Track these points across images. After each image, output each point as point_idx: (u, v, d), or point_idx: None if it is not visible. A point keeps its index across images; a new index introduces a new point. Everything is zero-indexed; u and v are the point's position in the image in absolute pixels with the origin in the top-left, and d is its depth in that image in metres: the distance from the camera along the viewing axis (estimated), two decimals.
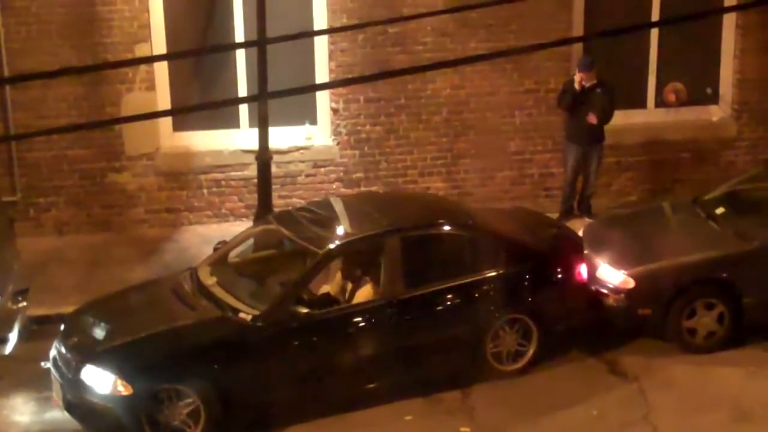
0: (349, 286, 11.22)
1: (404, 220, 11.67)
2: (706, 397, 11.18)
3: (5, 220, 12.61)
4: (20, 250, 12.86)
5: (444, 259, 11.52)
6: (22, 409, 11.04)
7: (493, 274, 11.44)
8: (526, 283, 11.60)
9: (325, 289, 11.34)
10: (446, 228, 11.72)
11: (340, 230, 11.48)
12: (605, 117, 14.88)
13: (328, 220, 11.71)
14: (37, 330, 12.11)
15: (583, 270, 11.92)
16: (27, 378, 11.35)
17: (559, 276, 11.83)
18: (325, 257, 11.01)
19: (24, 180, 14.98)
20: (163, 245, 14.81)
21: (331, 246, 11.06)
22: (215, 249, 12.09)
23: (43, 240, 14.81)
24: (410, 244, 11.26)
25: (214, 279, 11.24)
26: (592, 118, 14.79)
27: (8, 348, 11.19)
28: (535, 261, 11.74)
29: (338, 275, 11.38)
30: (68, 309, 12.12)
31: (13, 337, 11.30)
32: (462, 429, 10.64)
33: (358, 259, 11.35)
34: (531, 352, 11.55)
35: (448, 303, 11.21)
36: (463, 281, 11.34)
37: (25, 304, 12.05)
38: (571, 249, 12.20)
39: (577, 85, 14.71)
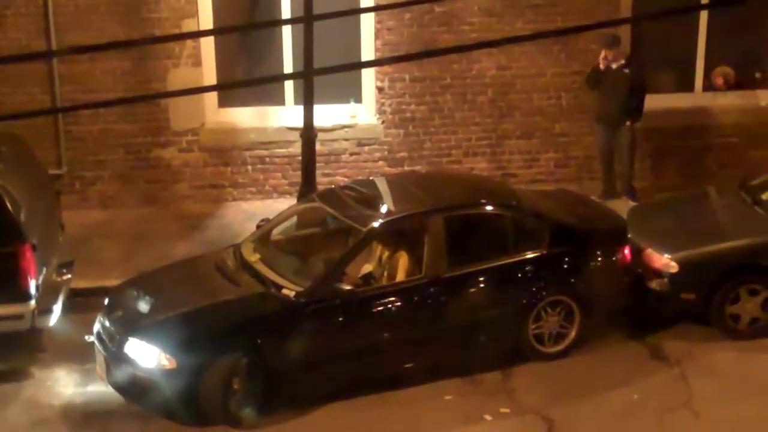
0: (392, 264, 11.20)
1: (448, 200, 11.65)
2: (748, 383, 11.10)
3: (51, 193, 12.72)
4: (65, 223, 12.98)
5: (487, 239, 11.48)
6: (66, 380, 11.11)
7: (537, 254, 11.40)
8: (569, 265, 11.54)
9: (368, 267, 11.34)
10: (490, 208, 11.68)
11: (383, 209, 11.45)
12: (632, 98, 14.78)
13: (371, 199, 11.68)
14: (81, 302, 12.17)
15: (627, 252, 11.86)
16: (70, 350, 11.43)
17: (603, 258, 11.77)
18: (369, 235, 11.01)
19: (70, 153, 15.09)
20: (206, 221, 14.87)
21: (375, 224, 11.04)
22: (258, 226, 12.12)
23: (88, 213, 14.92)
24: (454, 224, 11.23)
25: (258, 256, 11.26)
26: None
27: (52, 320, 11.28)
28: (579, 243, 11.69)
29: (381, 253, 11.37)
30: (112, 282, 12.21)
31: (57, 309, 11.40)
32: (502, 410, 10.63)
33: (402, 237, 11.33)
34: (573, 334, 11.51)
35: (491, 283, 11.19)
36: (506, 261, 11.31)
37: (69, 276, 12.16)
38: (616, 231, 12.14)
39: (601, 64, 14.66)
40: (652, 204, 14.16)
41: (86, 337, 11.00)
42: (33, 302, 10.94)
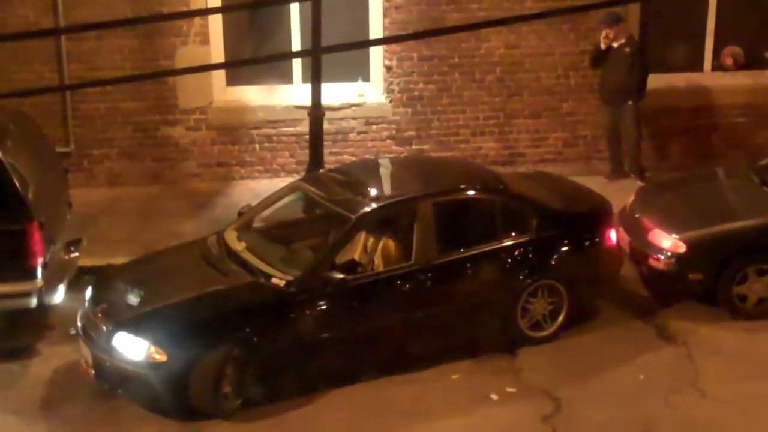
0: (381, 251, 11.06)
1: (437, 185, 11.57)
2: (755, 363, 11.10)
3: (59, 170, 12.73)
4: (73, 200, 12.99)
5: (476, 224, 11.39)
6: (73, 358, 11.09)
7: (526, 239, 11.35)
8: (558, 249, 11.48)
9: (357, 254, 11.11)
10: (478, 193, 11.58)
11: (372, 194, 11.33)
12: (633, 77, 14.75)
13: (359, 184, 11.56)
14: (89, 280, 12.17)
15: (612, 234, 11.87)
16: None
17: (591, 240, 11.76)
18: (359, 222, 10.85)
19: (78, 131, 15.10)
20: (213, 199, 14.88)
21: (365, 210, 10.93)
22: (240, 213, 11.92)
23: (96, 191, 14.94)
24: (443, 209, 11.15)
25: (243, 244, 11.10)
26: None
27: (59, 298, 11.31)
28: (566, 226, 11.64)
29: (369, 240, 11.18)
30: (119, 260, 12.24)
31: (64, 287, 11.41)
32: (508, 389, 10.64)
33: (390, 223, 11.23)
34: (561, 318, 11.46)
35: (482, 268, 11.13)
36: (496, 246, 11.25)
37: (77, 254, 12.17)
38: (601, 213, 12.11)
39: (602, 43, 14.65)
40: (659, 183, 14.13)
41: (71, 331, 10.96)
42: (40, 280, 10.94)
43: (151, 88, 15.02)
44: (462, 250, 11.12)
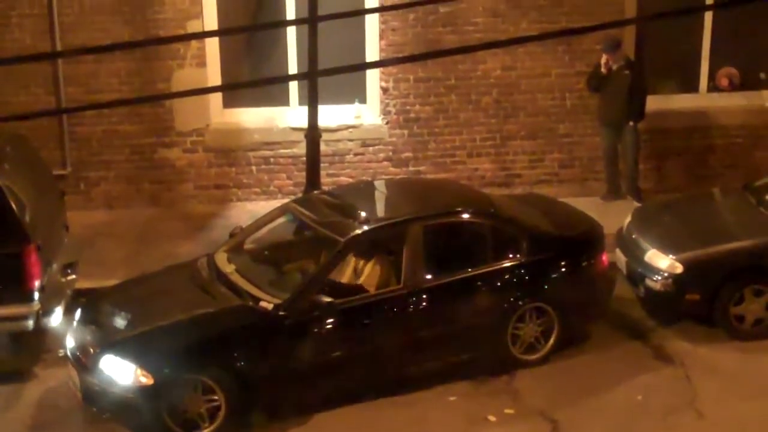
0: (370, 274, 11.08)
1: (426, 208, 11.50)
2: (752, 384, 11.09)
3: (56, 193, 12.73)
4: (70, 223, 12.99)
5: (466, 247, 11.35)
6: (70, 381, 11.10)
7: (516, 263, 11.31)
8: (548, 273, 11.44)
9: (346, 277, 11.15)
10: (468, 216, 11.54)
11: (362, 217, 11.18)
12: (633, 99, 14.79)
13: (349, 207, 11.49)
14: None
15: (603, 258, 11.85)
16: None
17: (582, 264, 11.73)
18: (348, 245, 10.82)
19: (75, 154, 15.10)
20: (211, 221, 14.88)
21: (355, 233, 10.86)
22: (231, 234, 11.95)
23: (93, 214, 14.94)
24: (432, 233, 11.11)
25: (233, 266, 11.08)
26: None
27: (56, 320, 11.29)
28: (557, 250, 11.60)
29: (359, 263, 11.20)
30: (115, 283, 12.20)
31: (61, 309, 11.40)
32: (506, 410, 10.62)
33: (380, 247, 11.21)
34: (552, 341, 11.43)
35: (471, 292, 11.09)
36: (485, 270, 11.20)
37: (73, 277, 12.17)
38: (593, 236, 12.07)
39: (603, 68, 14.70)
40: (656, 204, 14.12)
41: (59, 352, 10.92)
42: (37, 303, 10.94)
43: (148, 111, 15.04)
44: (451, 273, 11.08)
